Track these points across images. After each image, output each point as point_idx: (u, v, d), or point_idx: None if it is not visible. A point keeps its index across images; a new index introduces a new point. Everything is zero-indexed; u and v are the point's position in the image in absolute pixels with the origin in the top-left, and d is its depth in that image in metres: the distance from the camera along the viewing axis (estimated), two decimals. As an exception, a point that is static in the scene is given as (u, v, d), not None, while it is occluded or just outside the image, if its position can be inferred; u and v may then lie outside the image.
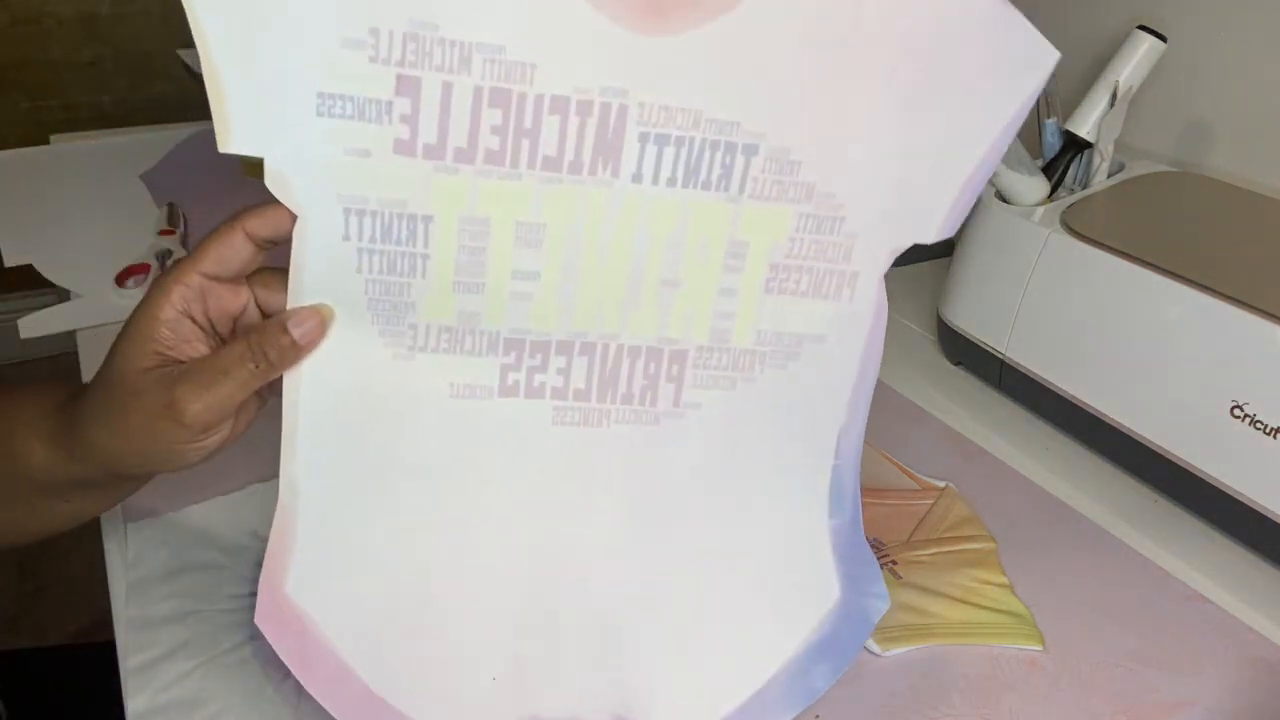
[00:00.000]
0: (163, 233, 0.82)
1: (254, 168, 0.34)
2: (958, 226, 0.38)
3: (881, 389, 0.71)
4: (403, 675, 0.37)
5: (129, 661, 0.45)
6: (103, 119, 1.85)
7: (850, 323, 0.38)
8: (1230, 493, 0.54)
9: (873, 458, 0.62)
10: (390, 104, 0.33)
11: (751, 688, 0.39)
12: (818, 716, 0.44)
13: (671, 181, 0.35)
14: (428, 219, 0.34)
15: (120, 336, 0.36)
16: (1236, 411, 0.53)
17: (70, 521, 0.43)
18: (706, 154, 0.35)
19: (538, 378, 0.37)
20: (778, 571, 0.40)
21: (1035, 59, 0.35)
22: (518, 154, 0.34)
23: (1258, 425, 0.52)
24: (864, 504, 0.57)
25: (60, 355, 1.66)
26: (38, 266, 0.79)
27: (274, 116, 0.33)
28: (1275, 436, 0.51)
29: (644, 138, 0.34)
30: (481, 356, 0.37)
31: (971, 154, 0.36)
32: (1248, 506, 0.53)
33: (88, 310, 0.73)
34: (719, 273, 0.37)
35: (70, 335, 0.71)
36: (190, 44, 0.35)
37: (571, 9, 0.33)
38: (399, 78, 0.33)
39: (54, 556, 1.50)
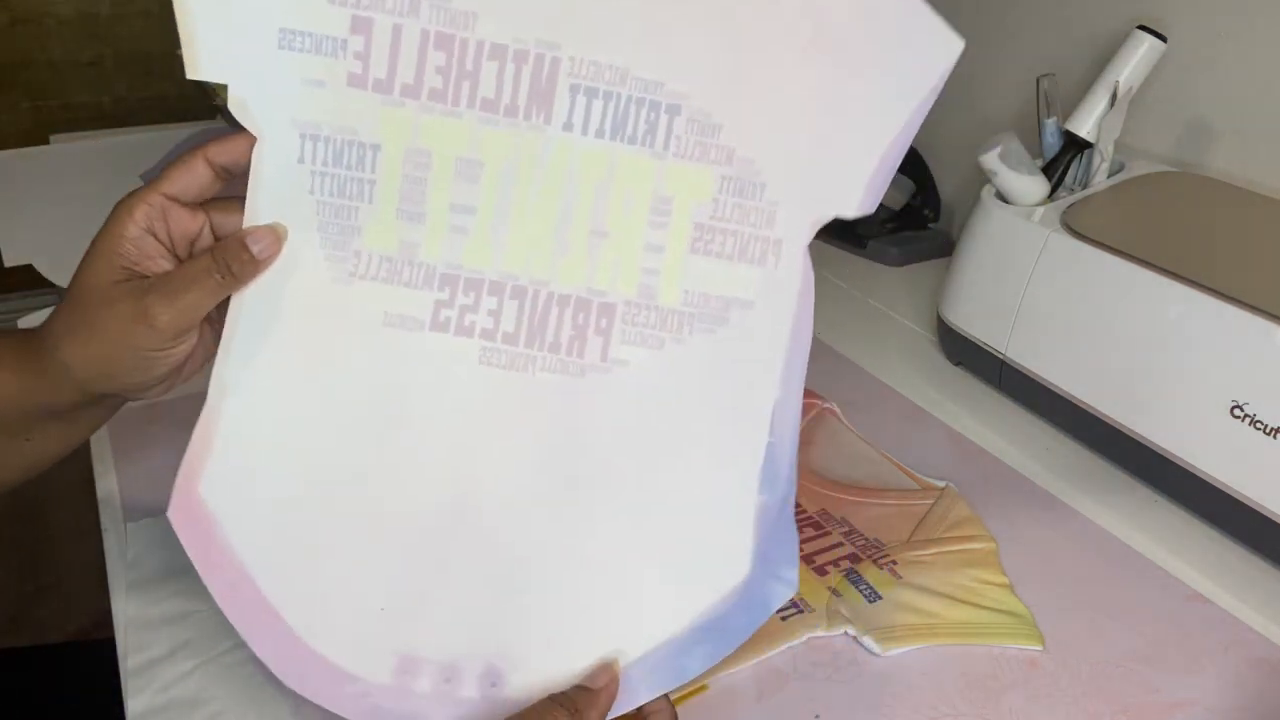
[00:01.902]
0: (163, 233, 0.82)
1: (220, 90, 0.38)
2: (876, 203, 0.40)
3: (881, 389, 0.71)
4: (296, 590, 0.38)
5: (129, 661, 0.45)
6: (103, 119, 1.85)
7: (777, 291, 0.40)
8: (1230, 493, 0.54)
9: (873, 458, 0.62)
10: (345, 41, 0.36)
11: (628, 657, 0.39)
12: (818, 716, 0.44)
13: (600, 133, 0.38)
14: (375, 147, 0.38)
15: (86, 256, 0.38)
16: (1236, 411, 0.53)
17: (28, 469, 0.43)
18: (633, 110, 0.38)
19: (469, 316, 0.39)
20: (687, 542, 0.40)
21: (941, 46, 0.38)
22: (459, 93, 0.37)
23: (1258, 425, 0.52)
24: (864, 504, 0.57)
25: (60, 355, 1.65)
26: (38, 266, 0.79)
27: (239, 49, 0.36)
28: (1275, 436, 0.51)
29: (574, 89, 0.38)
30: (417, 289, 0.39)
31: (884, 133, 0.39)
32: (1248, 506, 0.53)
33: (88, 310, 0.73)
34: (645, 227, 0.39)
35: (70, 335, 0.71)
36: (190, 44, 0.36)
37: None
38: (354, 18, 0.36)
39: (54, 556, 1.50)
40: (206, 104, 1.03)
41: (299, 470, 0.39)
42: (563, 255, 0.39)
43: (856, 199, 0.40)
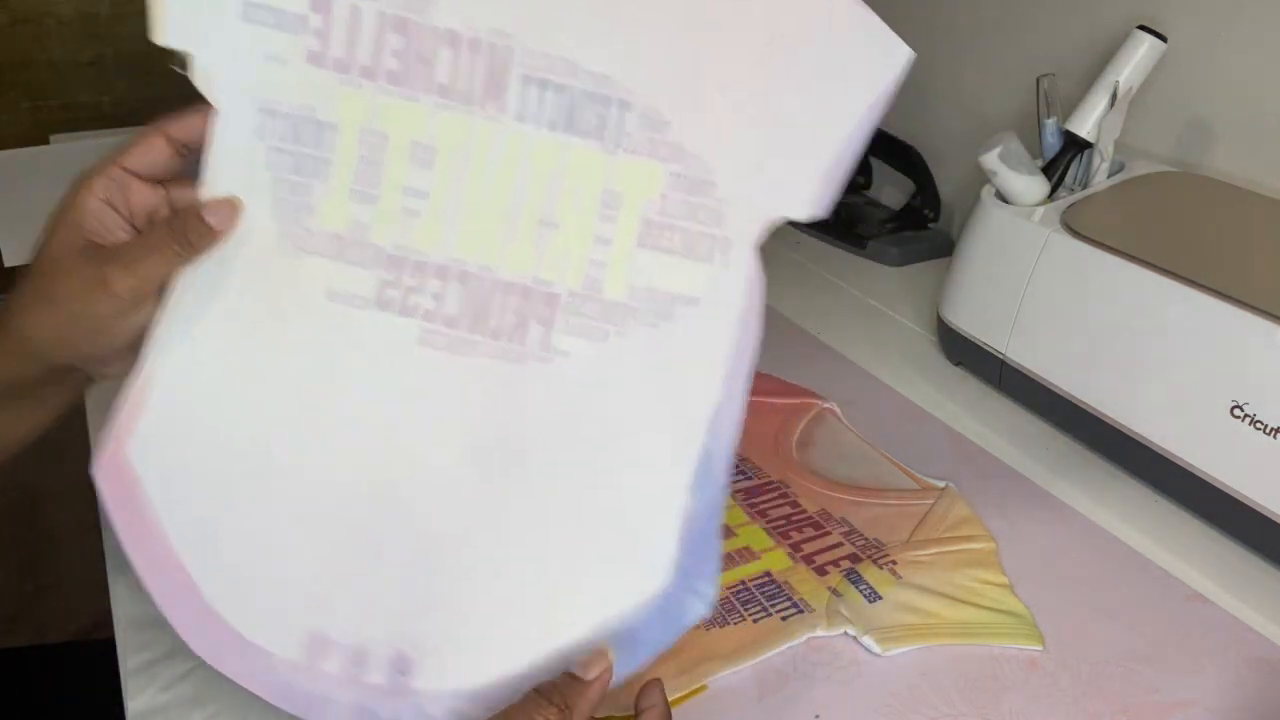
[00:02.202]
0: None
1: (182, 62, 0.39)
2: (827, 208, 0.39)
3: (881, 389, 0.71)
4: (214, 561, 0.39)
5: (129, 661, 0.45)
6: (103, 119, 1.85)
7: (724, 290, 0.40)
8: (1230, 493, 0.54)
9: (873, 458, 0.62)
10: (306, 18, 0.37)
11: (532, 660, 0.39)
12: (818, 716, 0.44)
13: (553, 125, 0.38)
14: (332, 127, 0.38)
15: (46, 229, 0.39)
16: (1236, 411, 0.53)
17: None
18: (584, 103, 0.38)
19: (413, 297, 0.39)
20: (610, 544, 0.39)
21: (890, 55, 0.38)
22: (415, 78, 0.38)
23: (1258, 425, 0.52)
24: (864, 504, 0.57)
25: (60, 355, 1.65)
26: (38, 266, 0.79)
27: (204, 17, 0.37)
28: (1275, 436, 0.51)
29: (527, 80, 0.38)
30: (365, 268, 0.39)
31: (834, 137, 0.39)
32: (1248, 506, 0.53)
33: (88, 310, 0.73)
34: (594, 220, 0.39)
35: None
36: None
37: None
38: None
39: (54, 556, 1.50)
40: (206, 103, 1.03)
41: (228, 439, 0.39)
42: (510, 243, 0.39)
43: (807, 201, 0.39)
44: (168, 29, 0.37)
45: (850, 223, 0.96)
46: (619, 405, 0.40)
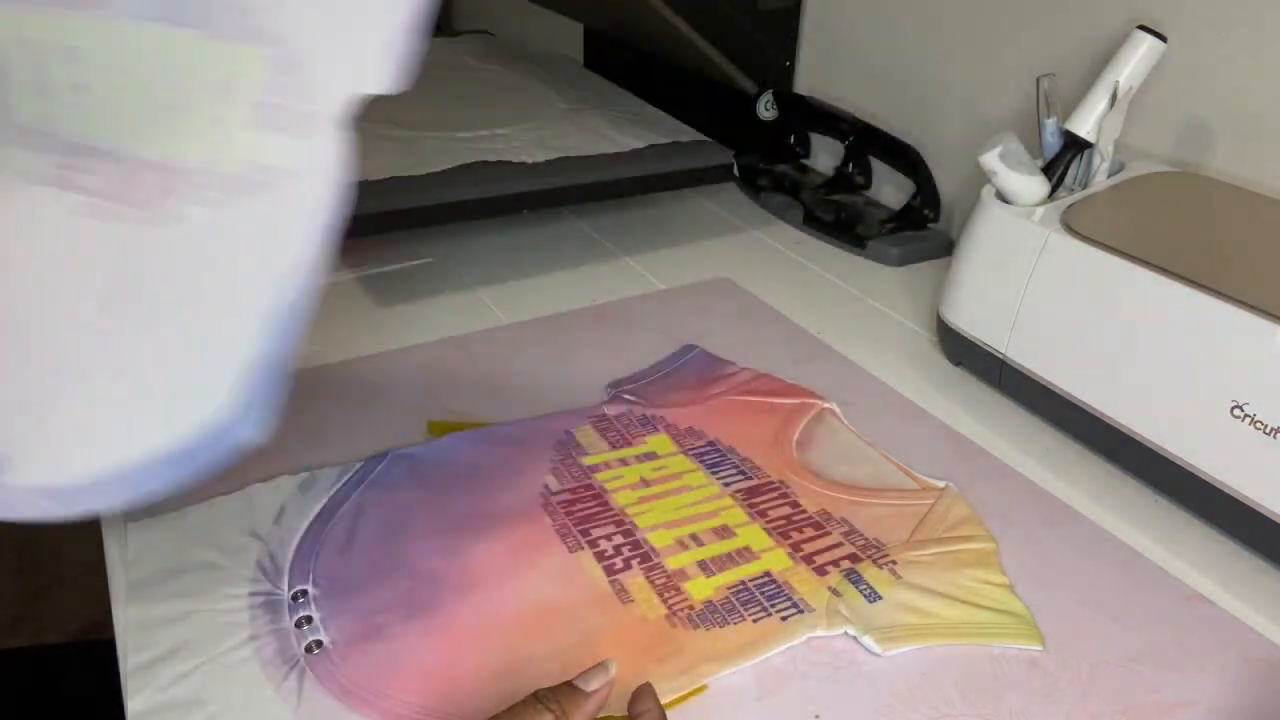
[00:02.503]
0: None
1: None
2: (403, 78, 0.43)
3: (881, 389, 0.71)
4: None
5: (129, 661, 0.45)
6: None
7: (316, 159, 0.44)
8: (1230, 493, 0.54)
9: (873, 458, 0.62)
10: None
11: (103, 468, 0.44)
12: (818, 716, 0.44)
13: (157, 18, 0.43)
14: None
15: None
16: (1236, 411, 0.53)
17: None
18: None
19: (78, 176, 0.44)
20: (184, 376, 0.45)
21: None
22: None
23: (1258, 425, 0.52)
24: (864, 504, 0.58)
25: (60, 355, 1.65)
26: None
27: None
28: (1275, 436, 0.51)
29: None
30: (47, 154, 0.45)
31: (392, 14, 0.43)
32: (1248, 506, 0.53)
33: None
34: (209, 104, 0.44)
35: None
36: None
37: None
38: None
39: (54, 556, 1.50)
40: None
41: None
42: (147, 125, 0.44)
43: (378, 76, 0.43)
44: None
45: (850, 223, 0.96)
46: (219, 262, 0.45)
